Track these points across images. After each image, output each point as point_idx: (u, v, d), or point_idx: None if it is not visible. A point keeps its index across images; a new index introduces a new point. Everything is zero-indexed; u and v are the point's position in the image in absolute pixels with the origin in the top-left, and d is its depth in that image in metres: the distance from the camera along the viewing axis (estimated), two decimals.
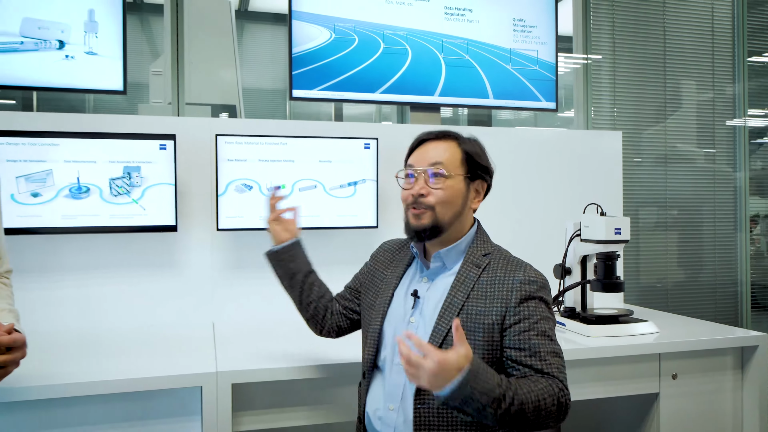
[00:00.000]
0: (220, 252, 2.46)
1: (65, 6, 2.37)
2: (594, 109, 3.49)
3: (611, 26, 3.59)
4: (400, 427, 1.41)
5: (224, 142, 2.35)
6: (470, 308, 1.39)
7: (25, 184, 2.17)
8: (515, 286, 1.38)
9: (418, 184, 1.45)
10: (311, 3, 2.62)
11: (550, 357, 1.33)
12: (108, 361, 1.88)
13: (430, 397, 1.36)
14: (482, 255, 1.46)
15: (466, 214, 1.49)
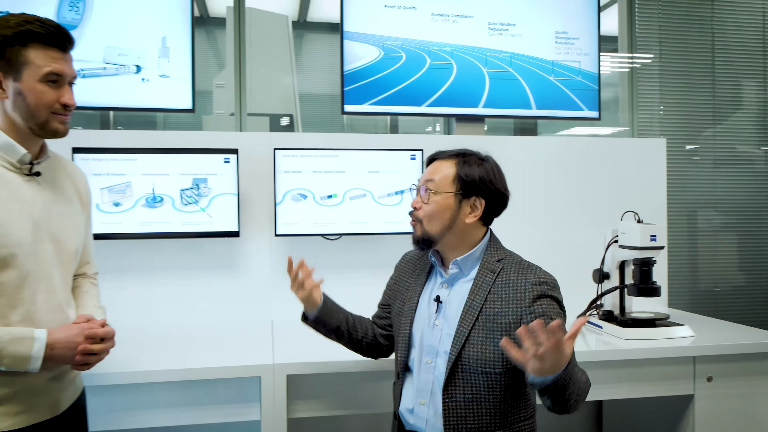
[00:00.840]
0: (278, 256, 2.67)
1: (141, 34, 2.65)
2: (640, 113, 3.54)
3: (658, 28, 3.62)
4: (431, 420, 1.56)
5: (281, 155, 2.56)
6: (488, 310, 1.53)
7: (108, 194, 2.44)
8: (528, 288, 1.52)
9: (416, 197, 1.63)
10: (361, 24, 2.81)
11: None
12: (179, 353, 2.12)
13: (456, 390, 1.52)
14: (496, 261, 1.59)
15: (463, 228, 1.59)
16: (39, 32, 1.38)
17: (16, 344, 1.32)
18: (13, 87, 1.38)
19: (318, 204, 2.60)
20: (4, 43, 1.36)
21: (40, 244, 1.42)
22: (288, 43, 3.88)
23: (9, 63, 1.37)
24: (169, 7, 2.67)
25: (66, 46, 1.44)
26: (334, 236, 2.66)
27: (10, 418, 1.37)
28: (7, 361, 1.31)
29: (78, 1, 2.59)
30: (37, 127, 1.42)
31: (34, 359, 1.34)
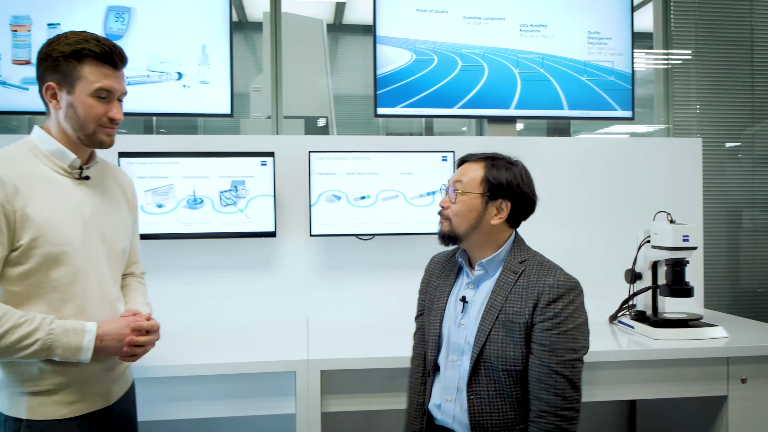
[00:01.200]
0: (313, 255, 2.75)
1: (183, 42, 2.76)
2: (676, 111, 3.50)
3: (694, 23, 3.57)
4: (458, 416, 1.62)
5: (316, 158, 2.64)
6: (508, 310, 1.57)
7: (151, 196, 2.56)
8: (544, 289, 1.55)
9: (445, 197, 1.69)
10: (394, 28, 2.87)
11: (567, 353, 1.51)
12: (219, 348, 2.22)
13: (480, 387, 1.57)
14: (519, 262, 1.63)
15: (488, 229, 1.64)
16: (94, 50, 1.48)
17: (68, 336, 1.42)
18: (67, 99, 1.48)
19: (351, 205, 2.66)
20: (62, 58, 1.46)
21: (90, 242, 1.52)
22: (323, 46, 3.96)
23: (65, 77, 1.47)
24: (208, 15, 2.78)
25: (118, 64, 1.54)
26: (367, 236, 2.72)
27: (66, 407, 1.47)
28: (60, 352, 1.41)
29: (123, 13, 2.71)
30: (85, 138, 1.52)
31: (84, 350, 1.44)
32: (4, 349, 1.37)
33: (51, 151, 1.50)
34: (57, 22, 2.67)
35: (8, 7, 2.66)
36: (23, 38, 2.67)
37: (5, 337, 1.35)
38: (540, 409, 1.50)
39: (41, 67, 1.50)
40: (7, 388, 1.44)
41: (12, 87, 2.68)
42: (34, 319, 1.39)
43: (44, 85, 1.49)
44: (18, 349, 1.37)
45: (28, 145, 1.51)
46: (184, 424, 2.59)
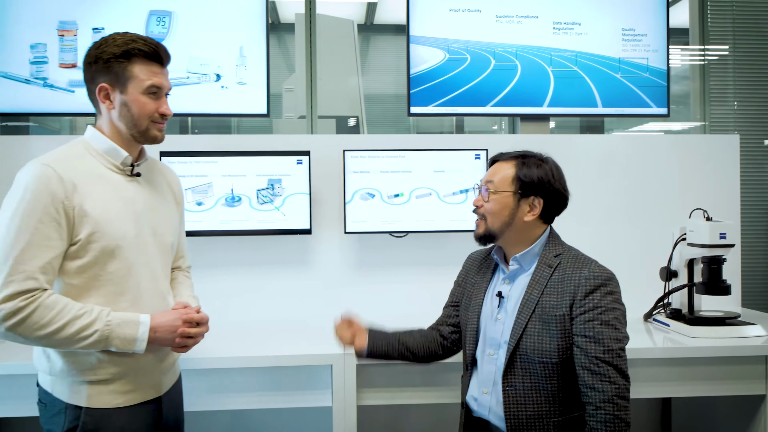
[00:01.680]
0: (348, 252, 2.80)
1: (221, 44, 2.83)
2: (712, 107, 3.45)
3: (732, 18, 3.52)
4: (494, 408, 1.65)
5: (350, 157, 2.68)
6: (545, 303, 1.60)
7: (191, 195, 2.63)
8: (581, 281, 1.58)
9: (478, 196, 1.72)
10: (427, 28, 2.90)
11: (612, 343, 1.53)
12: (257, 342, 2.28)
13: (515, 379, 1.60)
14: (554, 256, 1.65)
15: (522, 226, 1.67)
16: (143, 49, 1.55)
17: (124, 327, 1.48)
18: (120, 99, 1.55)
19: (385, 203, 2.70)
20: (113, 59, 1.53)
21: (141, 237, 1.58)
22: (354, 47, 4.01)
23: (116, 77, 1.54)
24: (245, 17, 2.85)
25: (164, 62, 1.61)
26: (400, 234, 2.76)
27: (122, 396, 1.54)
28: (116, 343, 1.47)
29: (164, 16, 2.80)
30: (139, 134, 1.59)
31: (139, 341, 1.50)
32: (64, 340, 1.43)
33: (104, 149, 1.56)
34: (101, 27, 2.77)
35: (55, 13, 2.77)
36: (69, 42, 2.77)
37: (65, 329, 1.42)
38: (597, 399, 1.51)
39: (91, 69, 1.55)
40: (67, 378, 1.50)
41: (59, 89, 2.78)
42: (92, 311, 1.45)
43: (97, 87, 1.54)
44: (77, 340, 1.43)
45: (83, 144, 1.58)
46: (224, 414, 2.68)
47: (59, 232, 1.44)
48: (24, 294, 1.39)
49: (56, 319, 1.41)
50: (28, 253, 1.40)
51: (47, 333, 1.40)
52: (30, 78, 2.77)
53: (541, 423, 1.59)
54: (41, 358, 1.53)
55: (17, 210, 1.41)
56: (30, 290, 1.39)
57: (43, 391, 1.55)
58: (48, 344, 1.45)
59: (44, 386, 1.54)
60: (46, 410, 1.54)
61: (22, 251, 1.39)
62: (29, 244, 1.40)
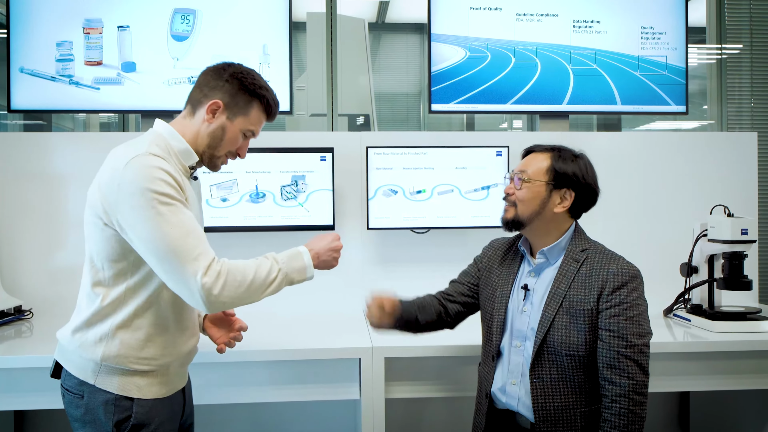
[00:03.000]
0: (370, 248, 2.83)
1: (245, 42, 2.86)
2: (729, 105, 3.47)
3: (749, 16, 3.54)
4: (522, 399, 1.68)
5: (373, 153, 2.71)
6: (572, 297, 1.64)
7: (216, 191, 2.67)
8: (609, 277, 1.62)
9: (509, 184, 1.75)
10: (448, 26, 2.93)
11: (635, 339, 1.57)
12: (287, 336, 2.31)
13: (543, 371, 1.64)
14: (580, 251, 1.69)
15: (551, 217, 1.70)
16: (270, 103, 1.63)
17: (294, 261, 1.58)
18: (222, 122, 1.59)
19: (408, 199, 2.73)
20: (245, 90, 1.59)
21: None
22: (365, 45, 4.04)
23: (235, 104, 1.58)
24: (268, 15, 2.88)
25: (272, 119, 1.69)
26: (422, 230, 2.79)
27: (164, 386, 1.58)
28: (295, 276, 1.57)
29: (188, 15, 2.83)
30: (208, 158, 1.63)
31: (309, 267, 1.60)
32: (259, 287, 1.49)
33: (180, 150, 1.58)
34: (126, 25, 2.81)
35: (81, 11, 2.80)
36: (95, 40, 2.81)
37: (257, 278, 1.48)
38: (614, 393, 1.56)
39: (220, 81, 1.58)
40: (117, 370, 1.51)
41: (84, 87, 2.82)
42: (265, 259, 1.54)
43: (212, 100, 1.57)
44: (269, 284, 1.51)
45: (162, 140, 1.56)
46: (250, 407, 2.71)
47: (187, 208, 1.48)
48: (213, 261, 1.43)
49: (247, 273, 1.47)
50: (191, 229, 1.44)
51: (247, 286, 1.47)
52: (56, 75, 2.81)
53: (569, 413, 1.63)
54: (80, 350, 1.52)
55: (153, 201, 1.40)
56: (213, 258, 1.44)
57: (78, 382, 1.53)
58: (248, 299, 1.50)
59: (83, 378, 1.52)
60: (82, 401, 1.52)
61: (187, 230, 1.42)
62: (184, 222, 1.43)
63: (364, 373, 2.10)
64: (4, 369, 2.02)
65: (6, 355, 2.04)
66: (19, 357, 2.04)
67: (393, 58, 6.58)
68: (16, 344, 2.27)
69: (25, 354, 2.08)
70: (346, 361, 2.14)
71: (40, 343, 2.17)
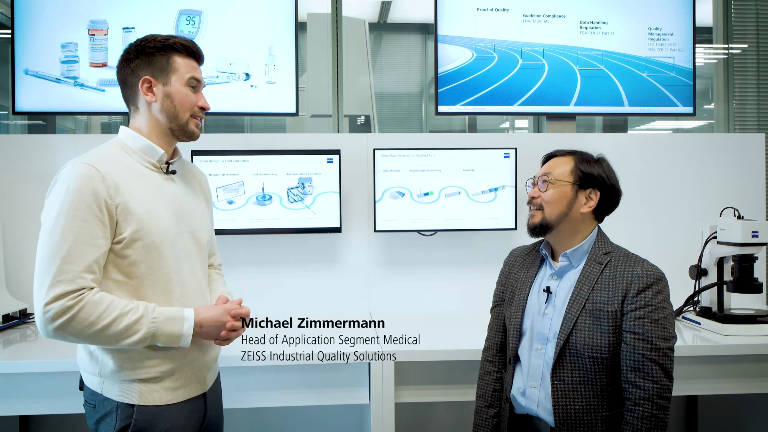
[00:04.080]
0: (377, 250, 2.82)
1: (251, 43, 2.85)
2: (736, 105, 3.46)
3: (755, 16, 3.52)
4: (542, 402, 1.66)
5: (380, 155, 2.70)
6: (595, 299, 1.62)
7: (223, 193, 2.65)
8: (633, 279, 1.60)
9: (533, 189, 1.74)
10: (455, 27, 2.91)
11: (660, 342, 1.55)
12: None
13: (564, 374, 1.62)
14: (603, 254, 1.68)
15: (578, 218, 1.70)
16: (184, 44, 1.60)
17: (170, 324, 1.50)
18: (163, 91, 1.57)
19: (415, 201, 2.72)
20: (156, 52, 1.57)
21: (181, 235, 1.60)
22: (365, 46, 4.03)
23: (160, 69, 1.57)
24: (274, 16, 2.86)
25: (201, 58, 1.67)
26: (429, 232, 2.78)
27: (171, 393, 1.55)
28: (162, 339, 1.49)
29: (194, 16, 2.82)
30: (178, 128, 1.61)
31: (185, 337, 1.52)
32: (112, 337, 1.44)
33: (140, 147, 1.58)
34: (132, 26, 2.79)
35: (86, 12, 2.78)
36: (100, 42, 2.79)
37: (112, 326, 1.43)
38: (637, 396, 1.54)
39: (132, 64, 1.58)
40: (117, 377, 1.51)
41: (89, 89, 2.80)
42: (138, 308, 1.47)
43: (140, 80, 1.57)
44: (125, 337, 1.44)
45: (118, 143, 1.59)
46: (260, 412, 2.70)
47: (103, 230, 1.45)
48: (72, 293, 1.39)
49: (103, 317, 1.41)
50: (75, 253, 1.41)
51: (95, 331, 1.41)
52: (60, 77, 2.79)
53: (589, 417, 1.61)
54: (88, 360, 1.54)
55: (61, 210, 1.42)
56: (77, 289, 1.40)
57: (90, 392, 1.55)
58: (96, 342, 1.46)
59: (92, 387, 1.54)
60: (95, 411, 1.54)
61: (69, 251, 1.40)
62: (75, 244, 1.41)
63: (373, 377, 2.09)
64: (9, 374, 2.00)
65: (11, 360, 2.03)
66: (24, 362, 2.02)
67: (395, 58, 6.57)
68: (22, 348, 2.26)
69: (31, 359, 2.06)
70: (355, 366, 2.12)
71: (46, 347, 2.16)
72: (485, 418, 1.81)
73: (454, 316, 2.59)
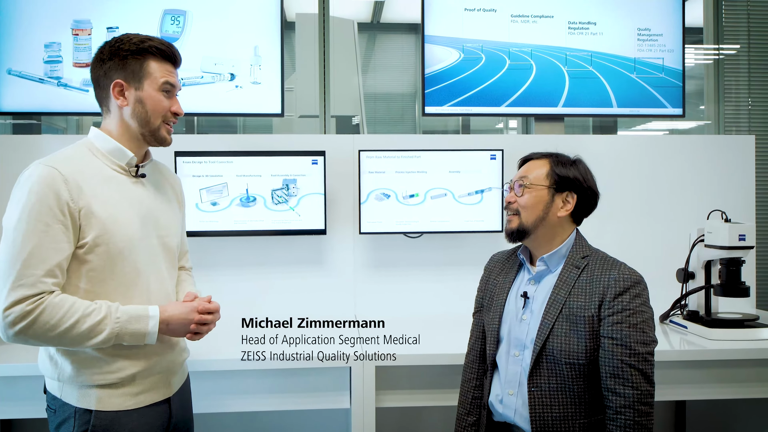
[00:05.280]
0: (362, 252, 2.79)
1: (235, 43, 2.83)
2: (726, 106, 3.44)
3: (746, 16, 3.50)
4: (519, 409, 1.64)
5: (366, 157, 2.67)
6: (572, 303, 1.60)
7: (206, 195, 2.63)
8: (610, 283, 1.57)
9: (510, 193, 1.72)
10: (442, 27, 2.89)
11: (639, 347, 1.52)
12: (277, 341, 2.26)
13: (541, 380, 1.59)
14: (581, 257, 1.65)
15: (555, 222, 1.67)
16: (159, 47, 1.56)
17: (134, 323, 1.47)
18: (135, 95, 1.54)
19: (400, 203, 2.69)
20: (130, 56, 1.53)
21: (147, 239, 1.57)
22: (354, 47, 4.01)
23: (132, 74, 1.53)
24: (260, 17, 2.84)
25: (177, 62, 1.62)
26: (415, 234, 2.75)
27: (131, 398, 1.53)
28: (127, 339, 1.47)
29: (178, 16, 2.79)
30: (149, 134, 1.58)
31: (150, 335, 1.49)
32: (75, 338, 1.41)
33: (109, 149, 1.55)
34: (116, 26, 2.76)
35: (69, 12, 2.76)
36: (84, 41, 2.77)
37: (75, 327, 1.40)
38: (618, 404, 1.51)
39: (105, 66, 1.54)
40: (76, 382, 1.49)
41: (73, 89, 2.78)
42: (101, 308, 1.44)
43: (111, 83, 1.54)
44: (89, 338, 1.42)
45: (87, 145, 1.56)
46: (239, 416, 2.67)
47: (66, 234, 1.42)
48: (31, 297, 1.37)
49: (65, 319, 1.39)
50: (36, 257, 1.38)
51: (57, 333, 1.39)
52: (44, 77, 2.77)
53: (567, 424, 1.58)
54: (48, 364, 1.52)
55: (23, 213, 1.40)
56: (37, 294, 1.38)
57: (51, 397, 1.53)
58: (59, 344, 1.44)
59: (52, 392, 1.53)
60: (55, 416, 1.52)
61: (30, 255, 1.38)
62: (36, 248, 1.38)
63: (354, 382, 2.06)
64: None
65: None
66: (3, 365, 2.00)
67: (388, 59, 6.54)
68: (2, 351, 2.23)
69: (12, 362, 2.03)
70: (336, 370, 2.10)
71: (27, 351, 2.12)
72: (464, 426, 1.79)
73: (440, 319, 2.56)
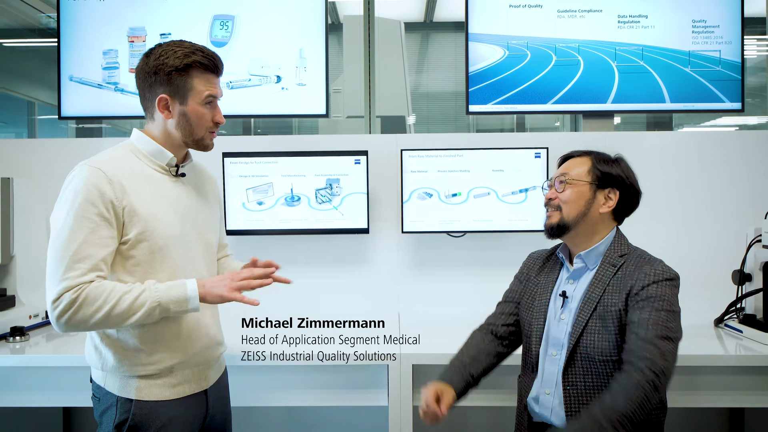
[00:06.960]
0: (405, 251, 2.80)
1: (281, 46, 2.89)
2: None
3: None
4: (555, 408, 1.62)
5: (408, 156, 2.68)
6: (606, 301, 1.57)
7: (252, 194, 2.69)
8: (641, 276, 1.55)
9: (550, 191, 1.70)
10: (486, 25, 2.86)
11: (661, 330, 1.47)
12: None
13: (576, 378, 1.57)
14: (618, 256, 1.62)
15: (596, 218, 1.65)
16: (202, 62, 1.59)
17: (172, 290, 1.51)
18: (179, 110, 1.59)
19: (443, 202, 2.68)
20: (174, 72, 1.56)
21: (186, 236, 1.63)
22: (401, 47, 4.01)
23: (177, 89, 1.57)
24: (305, 19, 2.89)
25: (220, 72, 1.65)
26: (458, 233, 2.74)
27: (169, 389, 1.59)
28: (171, 306, 1.51)
29: (227, 21, 2.87)
30: (193, 143, 1.64)
31: (192, 298, 1.53)
32: (120, 316, 1.47)
33: (150, 151, 1.61)
34: (168, 32, 2.87)
35: (125, 20, 2.89)
36: (139, 48, 2.89)
37: (118, 305, 1.46)
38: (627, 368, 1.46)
39: (150, 79, 1.58)
40: (118, 373, 1.57)
41: (129, 93, 2.90)
42: (138, 286, 1.50)
43: (156, 98, 1.58)
44: (133, 313, 1.47)
45: (129, 147, 1.62)
46: (279, 411, 2.72)
47: (110, 230, 1.49)
48: (74, 287, 1.44)
49: (108, 300, 1.45)
50: (83, 252, 1.45)
51: (103, 314, 1.45)
52: (102, 83, 2.91)
53: None
54: (93, 354, 1.60)
55: (70, 211, 1.47)
56: (80, 284, 1.44)
57: (96, 386, 1.62)
58: (108, 325, 1.49)
59: (97, 381, 1.61)
60: (99, 404, 1.61)
61: (77, 250, 1.45)
62: (83, 243, 1.45)
63: (391, 380, 2.07)
64: (52, 367, 2.10)
65: (54, 354, 2.13)
66: (66, 356, 2.11)
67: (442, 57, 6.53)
68: (66, 342, 2.34)
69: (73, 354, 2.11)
70: (374, 367, 2.11)
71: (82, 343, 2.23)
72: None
73: (481, 319, 2.53)
